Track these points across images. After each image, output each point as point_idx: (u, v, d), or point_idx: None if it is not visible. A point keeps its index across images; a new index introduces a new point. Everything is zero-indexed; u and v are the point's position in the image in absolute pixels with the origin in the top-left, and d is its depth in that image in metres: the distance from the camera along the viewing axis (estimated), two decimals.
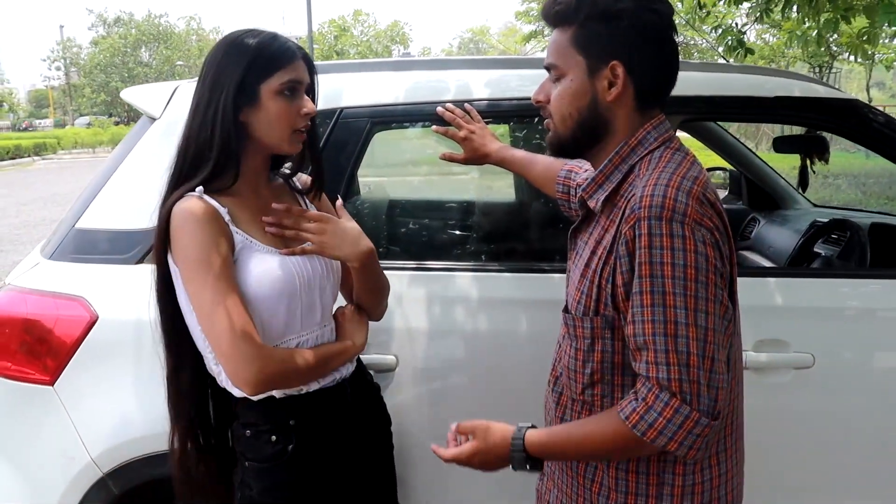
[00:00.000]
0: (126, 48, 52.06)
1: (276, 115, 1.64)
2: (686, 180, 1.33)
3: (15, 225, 12.33)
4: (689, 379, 1.28)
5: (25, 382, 2.14)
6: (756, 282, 2.27)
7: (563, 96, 1.45)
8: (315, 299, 1.75)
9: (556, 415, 1.58)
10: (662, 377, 1.29)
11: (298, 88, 1.67)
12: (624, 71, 1.39)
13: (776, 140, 3.77)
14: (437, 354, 2.22)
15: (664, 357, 1.28)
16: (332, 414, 1.79)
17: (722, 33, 5.69)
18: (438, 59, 2.54)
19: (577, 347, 1.47)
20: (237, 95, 1.61)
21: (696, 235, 1.29)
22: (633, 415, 1.31)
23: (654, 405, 1.29)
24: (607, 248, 1.40)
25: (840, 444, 2.27)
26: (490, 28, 57.75)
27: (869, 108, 2.46)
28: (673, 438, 1.28)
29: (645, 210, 1.30)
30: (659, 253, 1.29)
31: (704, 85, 2.39)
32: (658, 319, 1.29)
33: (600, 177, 1.47)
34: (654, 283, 1.29)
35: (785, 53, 22.19)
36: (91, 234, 2.23)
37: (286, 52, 1.65)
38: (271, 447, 1.72)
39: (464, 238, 2.96)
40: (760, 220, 4.06)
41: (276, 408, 1.72)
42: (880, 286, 2.35)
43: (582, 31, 1.41)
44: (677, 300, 1.28)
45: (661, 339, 1.29)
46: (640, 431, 1.30)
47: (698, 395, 1.28)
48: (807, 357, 2.17)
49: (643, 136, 1.44)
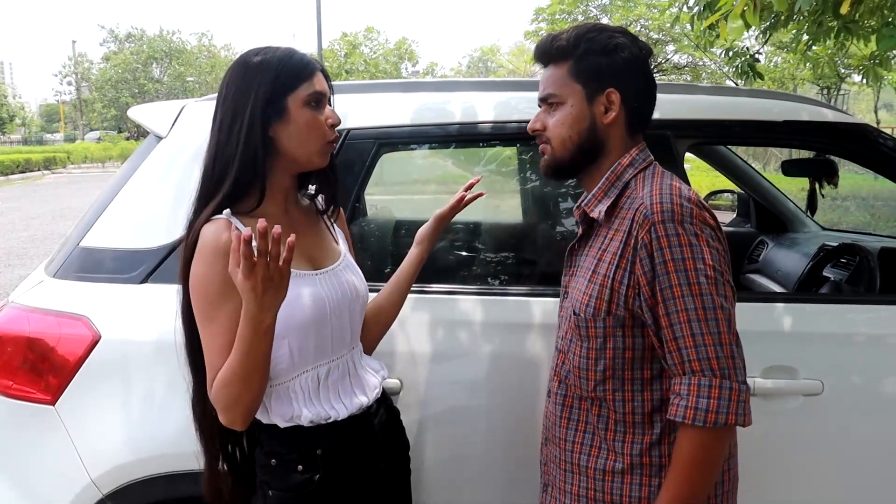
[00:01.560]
0: (137, 64, 52.42)
1: (306, 126, 1.62)
2: (683, 190, 1.53)
3: (23, 239, 12.38)
4: (725, 355, 1.44)
5: (27, 401, 2.13)
6: (765, 307, 2.25)
7: (563, 122, 1.63)
8: (345, 323, 1.73)
9: (563, 415, 1.69)
10: (702, 357, 1.44)
11: (322, 100, 1.66)
12: (619, 97, 1.60)
13: (784, 163, 3.76)
14: (441, 378, 2.21)
15: (701, 339, 1.44)
16: (359, 442, 1.75)
17: (732, 56, 5.68)
18: (445, 81, 2.54)
19: (589, 347, 1.60)
20: (265, 109, 1.59)
21: (705, 233, 1.48)
22: (688, 412, 1.43)
23: (700, 392, 1.43)
24: (618, 253, 1.55)
25: (849, 471, 2.23)
26: (500, 47, 58.07)
27: (878, 132, 2.45)
28: (729, 411, 1.42)
29: (658, 215, 1.48)
30: (679, 251, 1.46)
31: (713, 109, 2.39)
32: (690, 307, 1.45)
33: (599, 192, 1.65)
34: (679, 277, 1.46)
35: (794, 75, 22.23)
36: (95, 253, 2.23)
37: (308, 65, 1.65)
38: (298, 476, 1.68)
39: (469, 260, 2.95)
40: (769, 243, 4.04)
41: (302, 437, 1.68)
42: (890, 312, 2.32)
43: (580, 63, 1.61)
44: (703, 288, 1.45)
45: (696, 323, 1.44)
46: (700, 421, 1.42)
47: (734, 367, 1.44)
48: (816, 384, 2.15)
49: (634, 156, 1.64)
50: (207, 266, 1.55)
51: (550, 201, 3.07)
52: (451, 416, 2.23)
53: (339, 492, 1.71)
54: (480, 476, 2.26)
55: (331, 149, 1.69)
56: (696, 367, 1.44)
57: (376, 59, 42.06)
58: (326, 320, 1.67)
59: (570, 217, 2.69)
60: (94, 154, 37.09)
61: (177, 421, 2.05)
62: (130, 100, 49.14)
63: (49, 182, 26.66)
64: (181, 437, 2.00)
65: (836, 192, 11.73)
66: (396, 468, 1.91)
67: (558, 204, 2.99)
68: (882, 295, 2.81)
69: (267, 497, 1.71)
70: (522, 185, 3.12)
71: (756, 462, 1.57)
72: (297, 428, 1.67)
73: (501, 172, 3.20)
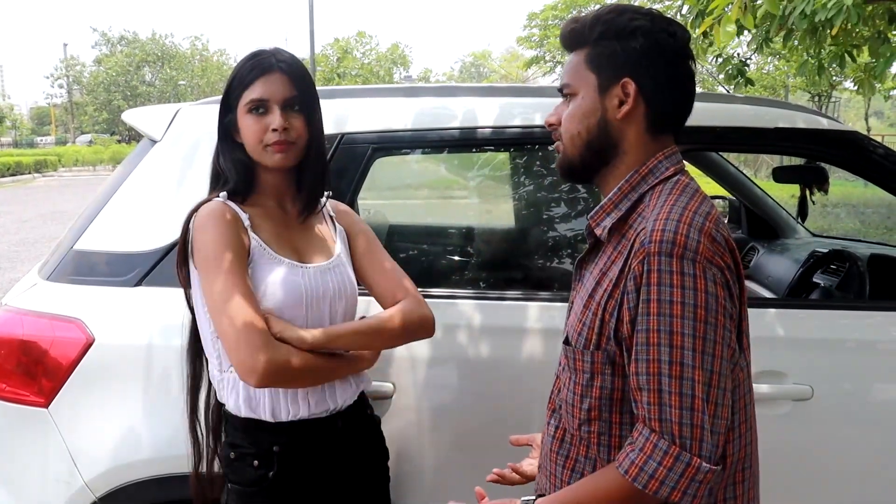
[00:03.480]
0: (130, 67, 52.29)
1: (246, 129, 1.71)
2: (698, 216, 1.29)
3: (14, 242, 12.32)
4: (692, 423, 1.23)
5: (20, 404, 2.13)
6: (755, 312, 2.24)
7: (573, 115, 1.43)
8: (323, 316, 1.75)
9: (554, 447, 1.51)
10: (665, 419, 1.24)
11: (268, 104, 1.70)
12: (635, 89, 1.37)
13: (776, 170, 3.78)
14: (434, 382, 2.21)
15: (668, 398, 1.24)
16: (319, 445, 1.77)
17: (723, 62, 5.71)
18: (440, 87, 2.55)
19: (577, 381, 1.42)
20: (226, 113, 1.74)
21: (706, 275, 1.25)
22: (633, 467, 1.26)
23: (654, 454, 1.24)
24: (613, 281, 1.36)
25: (838, 475, 2.25)
26: (492, 52, 58.17)
27: (868, 139, 2.47)
28: (676, 488, 1.23)
29: (655, 245, 1.26)
30: (668, 291, 1.25)
31: (705, 115, 2.40)
32: (664, 360, 1.24)
33: (609, 204, 1.43)
34: (661, 321, 1.25)
35: (785, 82, 22.33)
36: (89, 256, 2.23)
37: (256, 69, 1.70)
38: (253, 472, 1.71)
39: (463, 264, 2.96)
40: (759, 250, 4.06)
41: (262, 431, 1.71)
42: (879, 318, 2.34)
43: (595, 49, 1.40)
44: (685, 340, 1.24)
45: (666, 379, 1.24)
46: (640, 484, 1.24)
47: (701, 440, 1.23)
48: (805, 389, 2.16)
49: (655, 164, 1.41)
50: (211, 231, 1.64)
51: (544, 206, 3.08)
52: (443, 420, 2.24)
53: (293, 491, 1.73)
54: (472, 481, 2.26)
55: (276, 149, 1.70)
56: (655, 427, 1.25)
57: (369, 64, 42.06)
58: (301, 310, 1.70)
59: (564, 222, 2.70)
60: (85, 157, 36.94)
61: (169, 424, 2.06)
62: (122, 103, 49.00)
63: (40, 185, 26.57)
64: (173, 440, 2.02)
65: (827, 199, 11.78)
66: (371, 476, 1.92)
67: (552, 209, 3.00)
68: (871, 301, 2.82)
69: (227, 490, 1.75)
70: (515, 190, 3.13)
71: None
72: (259, 422, 1.71)
73: (495, 177, 3.21)
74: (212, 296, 1.61)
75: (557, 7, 25.61)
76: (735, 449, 1.39)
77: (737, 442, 1.39)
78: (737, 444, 1.39)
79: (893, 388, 2.28)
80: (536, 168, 2.70)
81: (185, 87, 51.15)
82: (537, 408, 1.84)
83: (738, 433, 1.39)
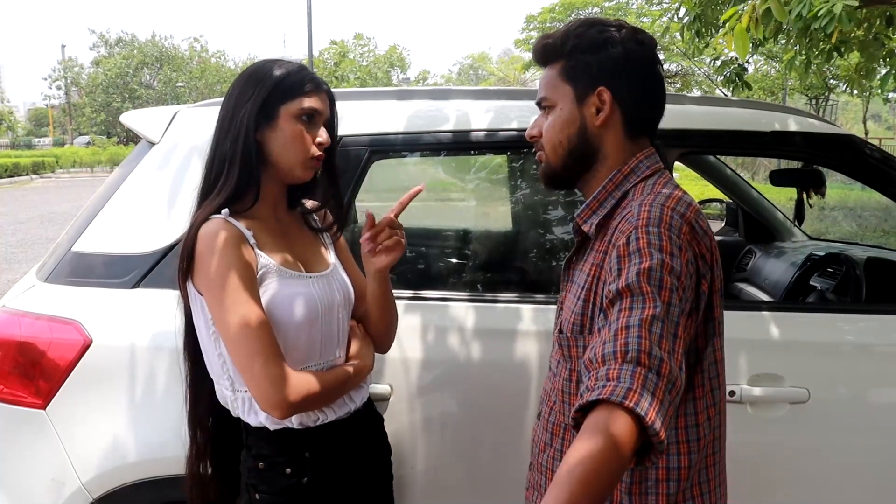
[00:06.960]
0: (128, 69, 52.24)
1: (290, 137, 1.67)
2: (680, 205, 1.36)
3: (11, 244, 12.31)
4: (660, 354, 1.15)
5: (17, 406, 2.13)
6: (752, 315, 2.27)
7: (553, 126, 1.50)
8: (334, 326, 1.76)
9: (549, 442, 1.53)
10: (632, 347, 1.16)
11: (317, 118, 1.70)
12: (610, 96, 1.45)
13: (773, 173, 3.79)
14: (431, 384, 2.22)
15: (637, 331, 1.17)
16: (346, 446, 1.78)
17: (721, 65, 5.71)
18: (437, 89, 2.55)
19: (572, 368, 1.47)
20: (258, 113, 1.65)
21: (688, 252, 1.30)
22: (605, 390, 1.10)
23: (622, 376, 1.12)
24: (599, 265, 1.42)
25: (835, 479, 2.26)
26: (490, 55, 58.20)
27: (865, 143, 2.48)
28: (651, 406, 1.09)
29: (642, 221, 1.32)
30: (646, 241, 1.28)
31: (703, 119, 2.41)
32: (637, 302, 1.22)
33: (594, 203, 1.50)
34: (631, 259, 1.27)
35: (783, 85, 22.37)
36: (87, 258, 2.23)
37: (311, 82, 1.69)
38: (286, 480, 1.70)
39: (460, 267, 2.96)
40: (757, 253, 4.06)
41: (291, 439, 1.70)
42: (876, 321, 2.35)
43: (569, 62, 1.48)
44: (653, 288, 1.22)
45: (637, 319, 1.19)
46: (618, 397, 1.08)
47: (670, 364, 1.15)
48: (802, 392, 2.17)
49: (636, 164, 1.48)
50: (218, 258, 1.58)
51: (540, 209, 3.08)
52: (440, 422, 2.24)
53: (326, 494, 1.73)
54: (469, 482, 2.27)
55: (314, 164, 1.71)
56: (624, 355, 1.15)
57: (367, 66, 42.08)
58: (317, 321, 1.70)
59: (560, 225, 2.71)
60: (83, 159, 36.87)
61: (166, 426, 2.06)
62: (121, 104, 48.96)
63: (37, 187, 26.53)
64: (170, 442, 2.02)
65: (824, 202, 11.81)
66: (378, 473, 1.93)
67: (548, 211, 3.00)
68: (868, 304, 2.83)
69: (254, 500, 1.72)
70: (512, 192, 3.13)
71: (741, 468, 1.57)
72: (286, 430, 1.70)
73: (492, 180, 3.21)
74: (225, 326, 1.57)
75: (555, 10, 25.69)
76: (705, 432, 1.42)
77: (706, 425, 1.43)
78: (706, 426, 1.43)
79: (890, 392, 2.28)
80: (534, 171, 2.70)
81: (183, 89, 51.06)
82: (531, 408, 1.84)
83: (706, 416, 1.43)
